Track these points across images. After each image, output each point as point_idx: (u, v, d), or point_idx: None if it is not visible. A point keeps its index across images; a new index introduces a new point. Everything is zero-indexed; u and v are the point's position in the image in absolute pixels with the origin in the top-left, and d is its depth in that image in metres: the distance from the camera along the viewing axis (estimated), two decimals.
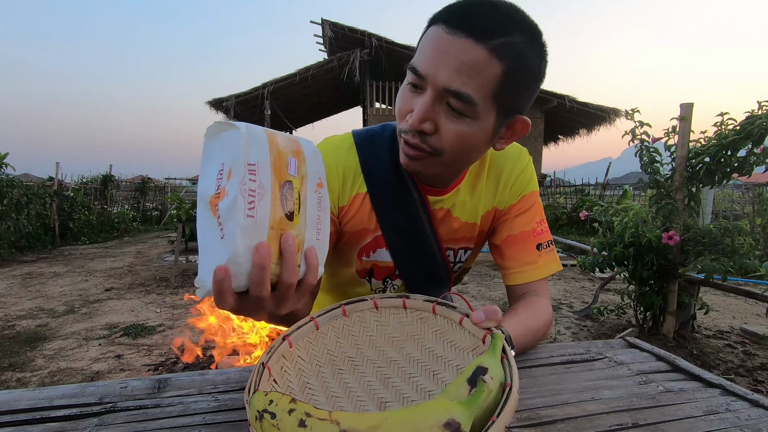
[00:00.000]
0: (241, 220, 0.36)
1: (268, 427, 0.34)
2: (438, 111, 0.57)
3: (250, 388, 0.42)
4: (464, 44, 0.53)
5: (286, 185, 0.41)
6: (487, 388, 0.36)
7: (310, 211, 0.43)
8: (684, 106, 2.59)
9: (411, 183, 0.72)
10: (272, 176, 0.39)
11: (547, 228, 0.78)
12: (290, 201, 0.41)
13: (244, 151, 0.38)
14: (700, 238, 2.53)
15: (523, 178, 0.77)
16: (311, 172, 0.44)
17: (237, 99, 9.01)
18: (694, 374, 0.62)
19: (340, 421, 0.33)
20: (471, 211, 0.75)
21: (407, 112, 0.59)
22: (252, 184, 0.38)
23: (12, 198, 6.39)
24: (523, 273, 0.74)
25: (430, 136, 0.58)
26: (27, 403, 0.52)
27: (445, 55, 0.54)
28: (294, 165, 0.42)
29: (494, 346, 0.42)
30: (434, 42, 0.55)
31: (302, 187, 0.43)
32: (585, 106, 9.35)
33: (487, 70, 0.54)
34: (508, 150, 0.77)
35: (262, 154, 0.39)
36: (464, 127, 0.57)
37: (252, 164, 0.38)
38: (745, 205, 8.19)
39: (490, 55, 0.53)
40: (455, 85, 0.54)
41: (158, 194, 12.90)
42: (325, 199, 0.46)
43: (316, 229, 0.44)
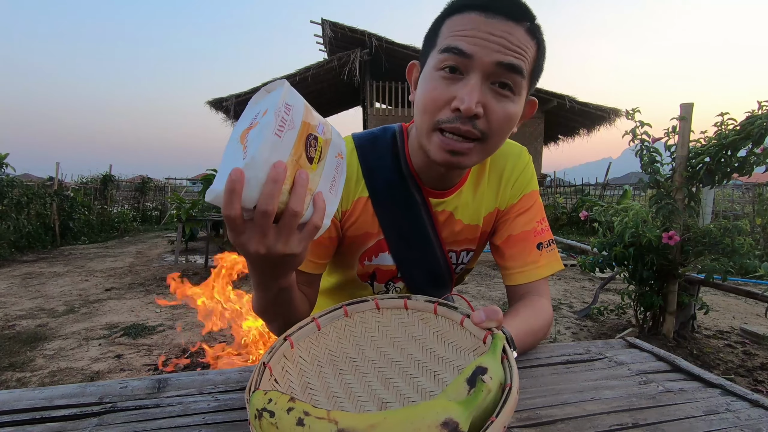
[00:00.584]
0: (269, 135, 0.38)
1: (267, 425, 0.34)
2: (484, 92, 0.56)
3: (250, 387, 0.42)
4: (506, 25, 0.55)
5: (312, 135, 0.43)
6: (486, 388, 0.36)
7: (327, 167, 0.45)
8: (684, 106, 2.59)
9: (414, 185, 0.72)
10: (303, 121, 0.41)
11: (547, 227, 0.78)
12: (313, 149, 0.43)
13: (284, 94, 0.41)
14: (700, 238, 2.53)
15: (524, 177, 0.77)
16: (335, 144, 0.46)
17: (237, 99, 9.01)
18: (694, 374, 0.62)
19: (338, 420, 0.33)
20: (474, 212, 0.75)
21: (446, 100, 0.57)
22: (286, 116, 0.40)
23: (12, 198, 6.39)
24: (524, 273, 0.74)
25: (479, 120, 0.57)
26: (27, 403, 0.52)
27: (490, 35, 0.55)
28: (322, 128, 0.45)
29: (494, 346, 0.42)
30: (474, 24, 0.55)
31: (326, 146, 0.45)
32: (585, 106, 9.35)
33: (529, 48, 0.57)
34: (508, 149, 0.77)
35: (299, 105, 0.42)
36: (510, 105, 0.58)
37: (288, 105, 0.41)
38: (745, 205, 8.19)
39: (527, 35, 0.56)
40: (509, 59, 0.55)
41: (158, 194, 12.91)
42: (343, 169, 0.48)
43: (329, 183, 0.46)
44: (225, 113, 9.40)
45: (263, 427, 0.34)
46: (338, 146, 0.48)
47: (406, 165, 0.72)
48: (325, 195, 0.45)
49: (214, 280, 2.57)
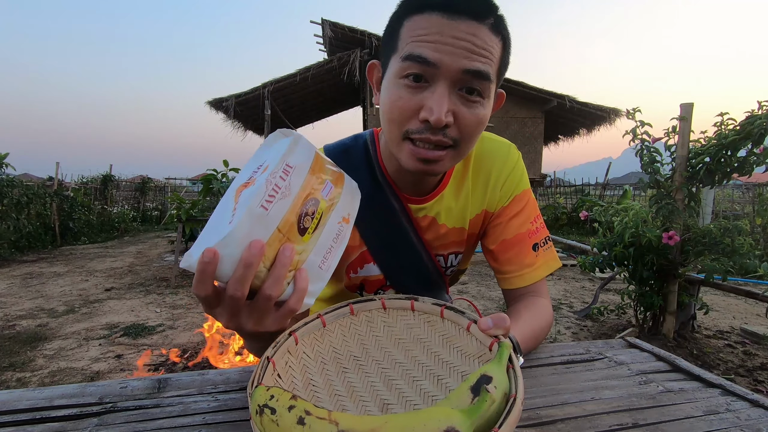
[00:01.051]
0: (254, 207, 0.36)
1: (268, 422, 0.34)
2: (453, 100, 0.54)
3: (253, 381, 0.41)
4: (470, 27, 0.52)
5: (312, 201, 0.40)
6: (490, 398, 0.35)
7: (324, 237, 0.42)
8: (684, 106, 2.59)
9: (391, 193, 0.70)
10: (303, 186, 0.39)
11: (542, 225, 0.75)
12: (309, 217, 0.40)
13: (286, 152, 0.39)
14: (700, 238, 2.53)
15: (513, 178, 0.74)
16: (342, 205, 0.44)
17: (237, 99, 9.00)
18: (694, 374, 0.62)
19: (339, 422, 0.33)
20: (458, 216, 0.73)
21: (414, 110, 0.55)
22: (281, 181, 0.38)
23: (12, 198, 6.39)
24: (522, 276, 0.72)
25: (450, 128, 0.55)
26: (27, 403, 0.52)
27: (455, 40, 0.52)
28: (329, 189, 0.42)
29: (500, 355, 0.41)
30: (437, 28, 0.52)
31: (327, 212, 0.42)
32: (585, 106, 9.34)
33: (495, 49, 0.55)
34: (494, 148, 0.74)
35: (303, 162, 0.40)
36: (480, 109, 0.56)
37: (289, 165, 0.39)
38: (745, 205, 8.19)
39: (492, 33, 0.54)
40: (476, 65, 0.53)
41: (158, 194, 12.91)
42: (345, 236, 0.45)
43: (322, 256, 0.42)
44: (225, 113, 9.39)
45: (264, 424, 0.35)
46: (346, 208, 0.44)
47: (381, 173, 0.70)
48: (313, 271, 0.41)
49: None
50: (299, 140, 0.41)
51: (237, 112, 9.30)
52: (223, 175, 4.62)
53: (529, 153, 9.82)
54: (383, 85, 0.60)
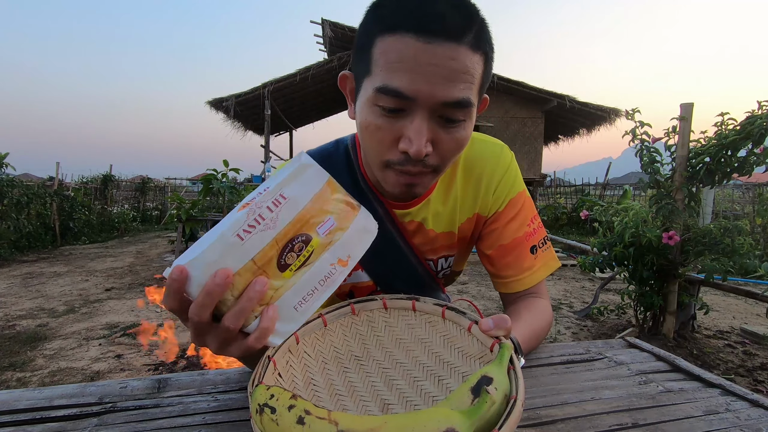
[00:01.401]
0: (228, 234, 0.35)
1: (268, 421, 0.34)
2: (432, 128, 0.51)
3: (254, 380, 0.41)
4: (448, 50, 0.47)
5: (302, 237, 0.38)
6: (491, 399, 0.35)
7: (308, 277, 0.39)
8: (684, 106, 2.59)
9: (374, 199, 0.68)
10: (293, 220, 0.38)
11: (539, 226, 0.73)
12: (294, 254, 0.38)
13: (286, 179, 0.38)
14: (700, 238, 2.53)
15: (507, 181, 0.71)
16: (342, 245, 0.40)
17: (237, 99, 9.01)
18: (694, 374, 0.62)
19: (338, 421, 0.33)
20: (446, 221, 0.71)
21: (392, 140, 0.52)
22: (267, 213, 0.37)
23: (12, 198, 6.39)
24: (521, 280, 0.71)
25: (430, 156, 0.53)
26: (27, 403, 0.52)
27: (432, 68, 0.47)
28: (329, 226, 0.40)
29: (501, 356, 0.41)
30: (412, 54, 0.47)
31: (321, 250, 0.39)
32: (585, 106, 9.35)
33: (476, 68, 0.50)
34: (486, 150, 0.71)
35: (303, 196, 0.39)
36: (461, 132, 0.53)
37: (284, 197, 0.38)
38: (745, 205, 8.19)
39: (472, 51, 0.49)
40: (455, 96, 0.49)
41: (158, 194, 12.91)
42: (336, 279, 0.41)
43: (301, 297, 0.39)
44: (225, 113, 9.39)
45: (264, 423, 0.35)
46: (346, 249, 0.41)
47: (363, 180, 0.69)
48: (286, 311, 0.38)
49: None
50: (307, 169, 0.40)
51: (237, 112, 9.30)
52: (223, 175, 4.62)
53: (529, 153, 9.82)
54: (358, 106, 0.56)
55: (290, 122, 12.61)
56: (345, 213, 0.41)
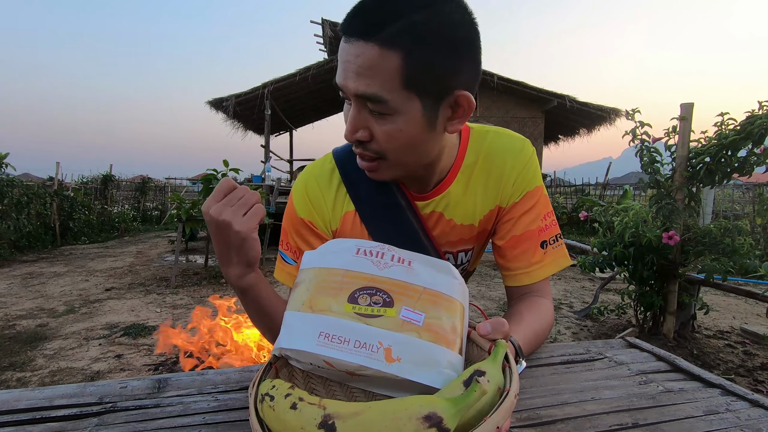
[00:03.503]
0: (356, 243, 0.49)
1: (266, 408, 0.37)
2: (366, 117, 0.58)
3: (255, 382, 0.42)
4: (357, 47, 0.53)
5: (387, 297, 0.42)
6: (480, 389, 0.35)
7: (352, 327, 0.41)
8: (684, 106, 2.58)
9: (397, 190, 0.71)
10: (396, 280, 0.44)
11: (553, 222, 0.74)
12: (368, 299, 0.42)
13: (426, 261, 0.48)
14: (701, 238, 2.53)
15: (526, 174, 0.73)
16: (404, 346, 0.40)
17: (237, 99, 9.00)
18: (694, 374, 0.62)
19: (326, 406, 0.35)
20: (466, 212, 0.73)
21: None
22: (389, 258, 0.46)
23: (12, 198, 6.39)
24: (528, 274, 0.72)
25: (370, 143, 0.60)
26: (27, 403, 0.52)
27: (347, 63, 0.55)
28: (413, 319, 0.41)
29: (496, 353, 0.41)
30: (340, 53, 0.56)
31: (385, 324, 0.41)
32: (585, 106, 9.34)
33: (384, 64, 0.53)
34: (508, 144, 0.73)
35: (424, 278, 0.45)
36: (389, 125, 0.57)
37: (410, 264, 0.46)
38: (745, 205, 8.19)
39: (381, 49, 0.52)
40: (361, 89, 0.55)
41: (158, 194, 12.91)
42: (367, 358, 0.40)
43: (332, 333, 0.41)
44: (225, 113, 9.38)
45: (263, 410, 0.37)
46: (404, 352, 0.40)
47: None
48: (310, 328, 0.42)
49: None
50: (451, 271, 0.48)
51: (237, 112, 9.29)
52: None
53: None
54: None
55: (290, 122, 12.60)
56: (437, 334, 0.42)
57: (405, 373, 0.38)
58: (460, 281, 0.48)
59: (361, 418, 0.33)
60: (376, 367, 0.38)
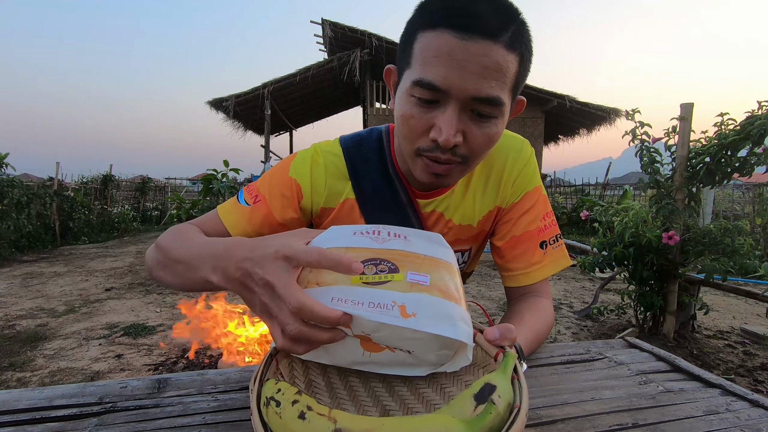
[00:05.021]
0: (352, 227, 0.51)
1: (272, 413, 0.36)
2: (464, 120, 0.54)
3: (256, 377, 0.42)
4: (482, 47, 0.50)
5: (391, 265, 0.42)
6: (495, 410, 0.34)
7: (365, 292, 0.40)
8: (684, 106, 2.58)
9: (400, 187, 0.70)
10: (397, 250, 0.45)
11: (553, 222, 0.74)
12: (373, 268, 0.42)
13: (420, 235, 0.50)
14: (700, 238, 2.53)
15: (525, 174, 0.73)
16: (418, 303, 0.39)
17: (237, 99, 9.00)
18: (694, 374, 0.62)
19: (337, 419, 0.34)
20: (465, 212, 0.73)
21: (424, 129, 0.56)
22: (385, 234, 0.48)
23: (12, 198, 6.39)
24: (528, 274, 0.71)
25: (459, 147, 0.56)
26: (27, 403, 0.52)
27: (466, 63, 0.50)
28: (420, 280, 0.41)
29: (506, 364, 0.41)
30: (447, 49, 0.51)
31: (395, 287, 0.40)
32: (585, 106, 9.35)
33: (509, 67, 0.53)
34: (508, 144, 0.74)
35: (421, 246, 0.47)
36: (492, 128, 0.56)
37: (407, 237, 0.47)
38: (745, 205, 8.19)
39: (507, 51, 0.52)
40: (485, 92, 0.52)
41: (158, 194, 12.90)
42: (384, 315, 0.38)
43: (344, 297, 0.39)
44: (225, 113, 9.39)
45: (269, 415, 0.36)
46: (418, 308, 0.39)
47: (393, 166, 0.71)
48: (322, 297, 0.39)
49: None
50: (441, 241, 0.49)
51: (237, 112, 9.30)
52: (223, 175, 4.62)
53: None
54: (397, 95, 0.60)
55: (290, 122, 12.60)
56: (445, 293, 0.41)
57: (423, 326, 0.38)
58: (452, 250, 0.49)
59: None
60: (393, 323, 0.37)
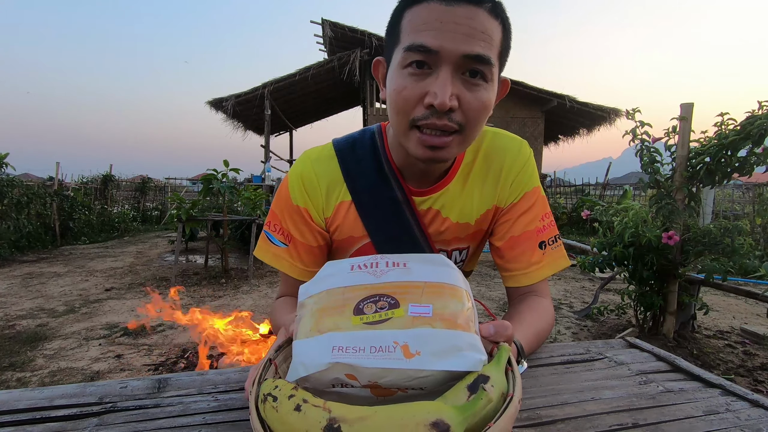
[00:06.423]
0: (350, 261, 0.50)
1: (269, 409, 0.37)
2: (456, 84, 0.55)
3: (254, 380, 0.42)
4: (468, 11, 0.53)
5: (391, 300, 0.42)
6: (486, 396, 0.35)
7: (366, 335, 0.40)
8: (684, 106, 2.58)
9: (396, 185, 0.70)
10: (396, 282, 0.44)
11: (551, 223, 0.74)
12: (373, 307, 0.42)
13: (419, 259, 0.48)
14: (700, 238, 2.52)
15: (524, 174, 0.73)
16: (420, 339, 0.39)
17: (237, 99, 9.00)
18: (694, 374, 0.62)
19: (331, 409, 0.34)
20: (463, 210, 0.72)
21: (419, 97, 0.56)
22: (383, 265, 0.46)
23: (12, 198, 6.39)
24: (528, 274, 0.71)
25: (455, 113, 0.56)
26: (27, 403, 0.52)
27: (454, 25, 0.53)
28: (422, 312, 0.41)
29: (499, 357, 0.41)
30: (435, 16, 0.53)
31: (397, 325, 0.40)
32: (585, 106, 9.34)
33: (494, 32, 0.55)
34: (507, 144, 0.74)
35: (422, 272, 0.46)
36: (484, 93, 0.57)
37: (405, 265, 0.47)
38: (745, 205, 8.19)
39: (491, 17, 0.55)
40: (476, 49, 0.53)
41: (158, 194, 12.91)
42: (386, 360, 0.38)
43: (345, 345, 0.39)
44: (225, 113, 9.39)
45: (266, 411, 0.37)
46: (422, 344, 0.38)
47: (388, 164, 0.71)
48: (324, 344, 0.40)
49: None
50: (446, 262, 0.47)
51: (237, 111, 9.29)
52: (223, 175, 4.62)
53: None
54: (388, 78, 0.61)
55: (290, 122, 12.60)
56: (449, 321, 0.40)
57: (427, 365, 0.37)
58: (457, 269, 0.48)
59: (367, 423, 0.33)
60: (397, 366, 0.37)
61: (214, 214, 5.35)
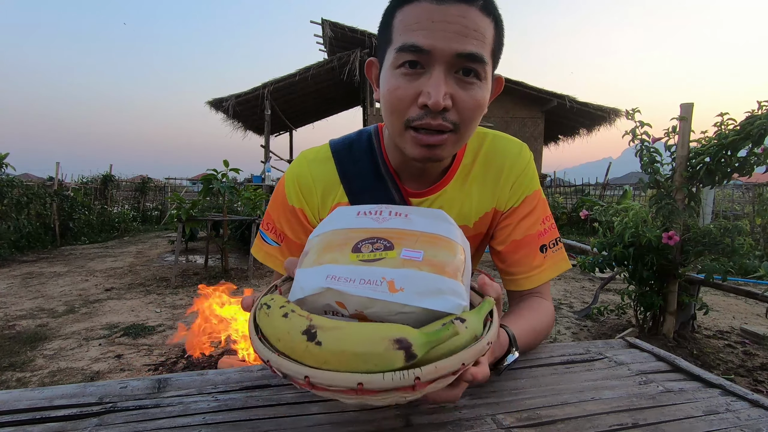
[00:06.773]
0: (356, 208, 0.54)
1: (263, 315, 0.42)
2: (450, 83, 0.55)
3: (258, 299, 0.46)
4: (459, 9, 0.53)
5: (387, 243, 0.45)
6: (453, 328, 0.37)
7: (359, 269, 0.43)
8: (684, 106, 2.58)
9: (393, 186, 0.70)
10: (394, 229, 0.48)
11: (552, 225, 0.74)
12: (370, 247, 0.45)
13: (421, 212, 0.52)
14: (700, 238, 2.52)
15: (525, 177, 0.73)
16: (406, 278, 0.41)
17: (237, 99, 9.00)
18: (694, 374, 0.62)
19: (312, 319, 0.39)
20: (461, 212, 0.72)
21: (412, 97, 0.56)
22: (386, 214, 0.51)
23: (12, 198, 6.39)
24: (529, 278, 0.71)
25: (449, 112, 0.56)
26: (27, 403, 0.52)
27: (446, 24, 0.53)
28: (414, 256, 0.43)
29: (481, 306, 0.43)
30: (427, 15, 0.53)
31: (388, 264, 0.43)
32: (585, 106, 9.34)
33: (486, 30, 0.55)
34: (507, 147, 0.73)
35: (421, 224, 0.49)
36: (478, 91, 0.57)
37: (407, 216, 0.50)
38: (745, 205, 8.19)
39: (483, 15, 0.55)
40: (468, 48, 0.53)
41: (158, 194, 12.91)
42: (374, 291, 0.41)
43: (338, 275, 0.42)
44: (225, 113, 9.39)
45: (260, 317, 0.42)
46: (406, 282, 0.41)
47: (385, 165, 0.71)
48: (322, 271, 0.43)
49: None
50: (446, 218, 0.50)
51: (237, 112, 9.30)
52: (223, 175, 4.62)
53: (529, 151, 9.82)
54: (381, 78, 0.61)
55: (290, 122, 12.60)
56: (437, 267, 0.43)
57: (409, 301, 0.40)
58: (457, 227, 0.50)
59: (339, 332, 0.37)
60: (381, 298, 0.40)
61: (214, 214, 5.35)
